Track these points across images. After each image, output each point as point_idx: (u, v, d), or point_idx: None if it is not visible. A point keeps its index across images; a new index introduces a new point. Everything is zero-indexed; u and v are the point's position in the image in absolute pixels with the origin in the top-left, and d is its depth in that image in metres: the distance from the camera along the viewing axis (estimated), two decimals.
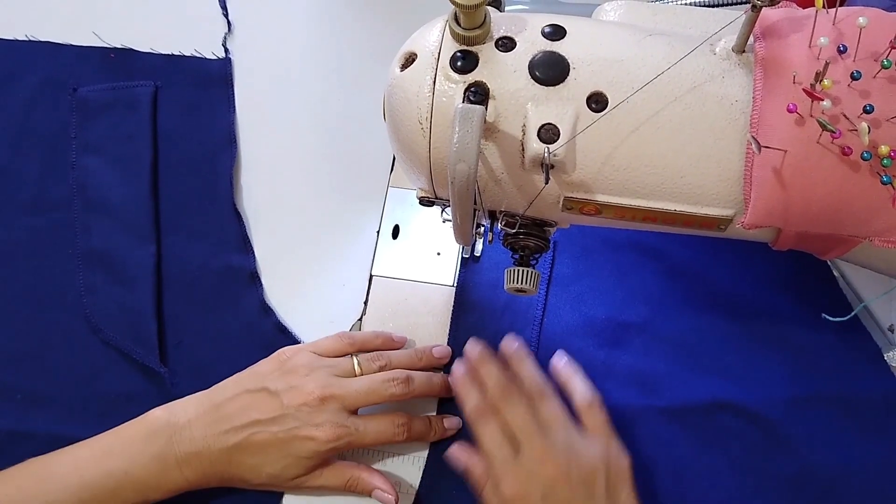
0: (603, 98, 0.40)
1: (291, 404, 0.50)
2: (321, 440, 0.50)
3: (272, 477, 0.51)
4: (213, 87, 0.67)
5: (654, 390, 0.56)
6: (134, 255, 0.60)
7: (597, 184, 0.41)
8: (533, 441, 0.49)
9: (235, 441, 0.50)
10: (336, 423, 0.50)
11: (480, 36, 0.40)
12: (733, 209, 0.41)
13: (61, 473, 0.49)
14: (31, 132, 0.66)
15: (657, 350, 0.57)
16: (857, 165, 0.38)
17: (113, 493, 0.49)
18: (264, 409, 0.51)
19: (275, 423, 0.50)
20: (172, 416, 0.51)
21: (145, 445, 0.50)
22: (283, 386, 0.51)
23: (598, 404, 0.52)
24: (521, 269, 0.47)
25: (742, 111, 0.40)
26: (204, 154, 0.65)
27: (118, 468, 0.49)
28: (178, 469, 0.50)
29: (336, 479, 0.52)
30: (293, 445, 0.50)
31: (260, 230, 0.63)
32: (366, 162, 0.64)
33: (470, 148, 0.36)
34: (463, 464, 0.52)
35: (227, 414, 0.51)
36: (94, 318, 0.59)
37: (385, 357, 0.55)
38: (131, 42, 0.69)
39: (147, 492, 0.50)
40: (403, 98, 0.42)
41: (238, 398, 0.51)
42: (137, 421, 0.51)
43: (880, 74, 0.38)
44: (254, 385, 0.52)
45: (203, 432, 0.50)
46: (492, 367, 0.53)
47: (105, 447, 0.50)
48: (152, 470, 0.49)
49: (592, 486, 0.48)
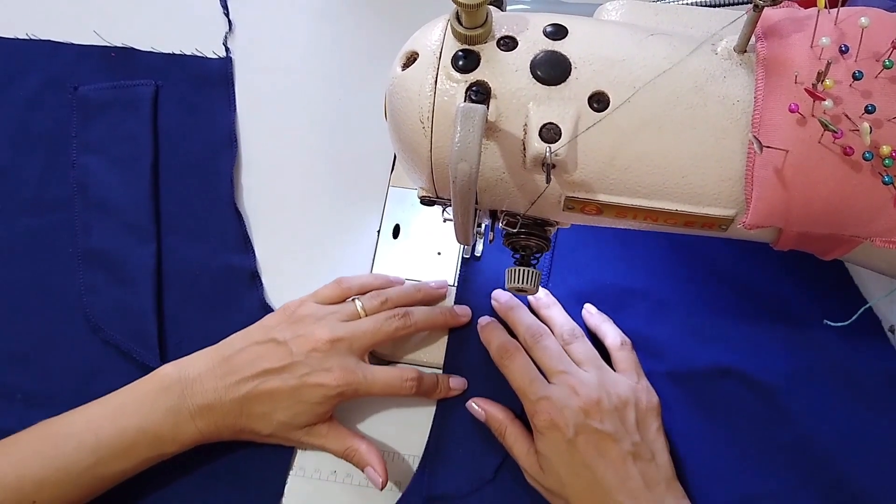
0: (604, 98, 0.40)
1: (301, 351, 0.51)
2: (331, 385, 0.51)
3: (282, 425, 0.52)
4: (214, 87, 0.67)
5: (658, 355, 0.57)
6: (134, 254, 0.60)
7: (598, 183, 0.41)
8: (565, 375, 0.51)
9: (246, 391, 0.51)
10: (345, 368, 0.52)
11: (482, 35, 0.40)
12: (735, 209, 0.41)
13: (76, 433, 0.49)
14: (32, 131, 0.66)
15: (661, 317, 0.58)
16: (858, 165, 0.38)
17: (129, 450, 0.50)
18: (273, 358, 0.52)
19: (284, 370, 0.51)
20: (183, 370, 0.52)
21: (158, 400, 0.50)
22: (291, 335, 0.52)
23: (629, 346, 0.55)
24: (522, 268, 0.47)
25: (744, 111, 0.40)
26: (204, 153, 0.65)
27: (133, 424, 0.50)
28: (192, 421, 0.50)
29: (337, 443, 0.53)
30: (303, 392, 0.51)
31: (260, 230, 0.63)
32: (366, 162, 0.64)
33: (471, 147, 0.36)
34: (482, 413, 0.54)
35: (236, 365, 0.52)
36: (95, 317, 0.59)
37: (385, 294, 0.56)
38: (132, 41, 0.69)
39: (162, 446, 0.51)
40: (405, 97, 0.42)
41: (247, 350, 0.52)
42: (148, 378, 0.52)
43: (882, 74, 0.38)
44: (262, 337, 0.53)
45: (214, 384, 0.51)
46: (522, 311, 0.55)
47: (118, 405, 0.51)
48: (167, 424, 0.50)
49: (624, 417, 0.50)
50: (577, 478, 0.49)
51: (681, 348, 0.57)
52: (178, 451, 0.51)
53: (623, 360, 0.54)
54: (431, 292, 0.58)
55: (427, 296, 0.58)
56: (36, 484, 0.47)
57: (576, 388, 0.50)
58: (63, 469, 0.48)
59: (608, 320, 0.57)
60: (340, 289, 0.57)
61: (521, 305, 0.56)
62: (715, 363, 0.56)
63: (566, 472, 0.49)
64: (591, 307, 0.58)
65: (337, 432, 0.53)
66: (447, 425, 0.56)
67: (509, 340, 0.54)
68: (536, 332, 0.54)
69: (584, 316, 0.58)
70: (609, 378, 0.52)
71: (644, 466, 0.49)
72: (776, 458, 0.54)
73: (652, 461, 0.50)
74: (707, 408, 0.55)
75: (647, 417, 0.52)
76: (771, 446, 0.54)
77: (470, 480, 0.54)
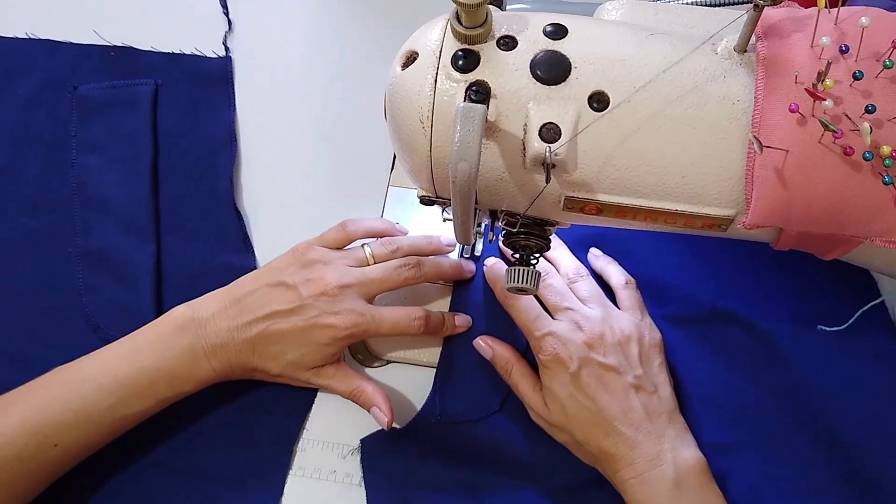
0: (604, 97, 0.40)
1: (310, 294, 0.52)
2: (340, 327, 0.52)
3: (291, 365, 0.53)
4: (214, 86, 0.67)
5: (659, 299, 0.58)
6: (134, 254, 0.60)
7: (598, 183, 0.41)
8: (569, 311, 0.52)
9: (258, 331, 0.52)
10: (354, 311, 0.52)
11: (482, 35, 0.40)
12: (735, 209, 0.41)
13: (94, 375, 0.50)
14: (32, 131, 0.66)
15: (664, 261, 0.59)
16: (858, 165, 0.38)
17: (147, 389, 0.50)
18: (283, 300, 0.52)
19: (294, 312, 0.52)
20: (196, 311, 0.52)
21: (173, 340, 0.51)
22: (301, 279, 0.53)
23: (633, 285, 0.56)
24: (522, 268, 0.47)
25: (744, 111, 0.40)
26: (204, 153, 0.65)
27: (150, 363, 0.50)
28: (207, 360, 0.51)
29: (344, 383, 0.54)
30: (313, 333, 0.52)
31: (260, 229, 0.63)
32: (366, 161, 0.64)
33: (471, 147, 0.36)
34: (489, 350, 0.55)
35: (248, 306, 0.52)
36: (94, 317, 0.59)
37: (395, 242, 0.57)
38: (131, 40, 0.69)
39: (179, 384, 0.51)
40: (404, 97, 0.42)
41: (257, 292, 0.53)
42: (161, 319, 0.53)
43: (882, 74, 0.38)
44: (272, 279, 0.54)
45: (227, 324, 0.52)
46: None
47: (133, 345, 0.52)
48: (183, 362, 0.51)
49: (627, 351, 0.51)
50: (580, 409, 0.50)
51: (682, 292, 0.58)
52: (193, 389, 0.52)
53: (627, 297, 0.55)
54: (441, 246, 0.59)
55: (437, 249, 0.59)
56: (57, 427, 0.48)
57: (580, 324, 0.52)
58: (83, 411, 0.49)
59: (613, 262, 0.58)
60: (345, 233, 0.57)
61: None
62: (716, 308, 0.57)
63: (570, 404, 0.50)
64: (596, 250, 0.59)
65: (344, 373, 0.54)
66: (453, 361, 0.57)
67: None
68: (543, 270, 0.55)
69: (590, 258, 0.59)
70: (613, 314, 0.53)
71: (646, 398, 0.50)
72: (773, 402, 0.55)
73: (654, 394, 0.51)
74: (707, 351, 0.56)
75: (650, 352, 0.53)
76: (768, 390, 0.55)
77: (478, 409, 0.55)
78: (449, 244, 0.59)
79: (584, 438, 0.50)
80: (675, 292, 0.58)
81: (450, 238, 0.60)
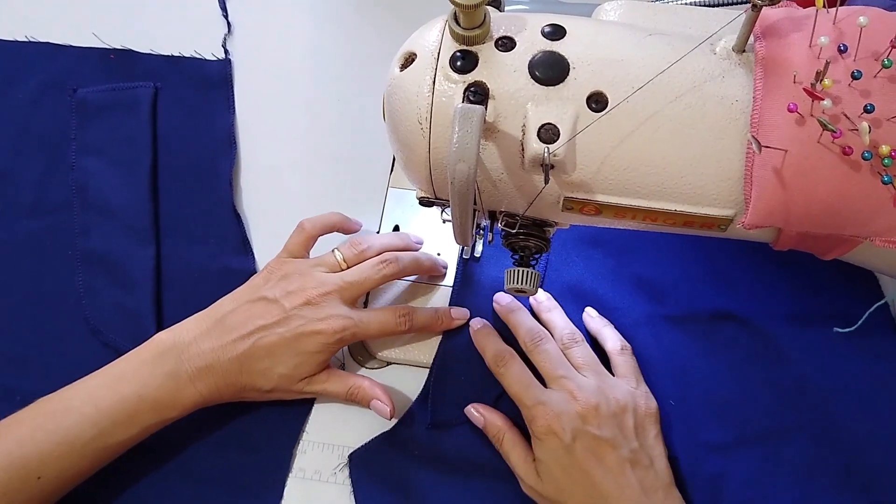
0: (603, 98, 0.40)
1: (294, 306, 0.52)
2: (328, 332, 0.52)
3: (283, 378, 0.52)
4: (213, 88, 0.67)
5: (660, 298, 0.58)
6: (134, 256, 0.60)
7: (597, 184, 0.41)
8: (564, 380, 0.51)
9: (244, 348, 0.51)
10: (340, 315, 0.52)
11: (480, 36, 0.40)
12: (734, 209, 0.41)
13: (76, 406, 0.49)
14: (31, 133, 0.66)
15: (664, 260, 0.59)
16: (857, 165, 0.38)
17: (131, 417, 0.50)
18: (267, 315, 0.52)
19: (280, 325, 0.52)
20: (177, 336, 0.52)
21: (156, 366, 0.51)
22: (281, 292, 0.53)
23: (629, 351, 0.55)
24: (522, 269, 0.47)
25: (742, 111, 0.40)
26: (204, 155, 0.65)
27: (132, 392, 0.50)
28: (192, 384, 0.51)
29: (339, 385, 0.54)
30: (301, 342, 0.52)
31: (260, 231, 0.63)
32: (366, 162, 0.64)
33: (470, 148, 0.36)
34: (480, 418, 0.54)
35: (231, 325, 0.52)
36: (94, 319, 0.59)
37: (364, 242, 0.57)
38: (131, 43, 0.69)
39: (164, 411, 0.51)
40: (403, 98, 0.42)
41: (239, 310, 0.53)
42: (143, 346, 0.52)
43: (881, 74, 0.38)
44: (251, 296, 0.53)
45: (211, 345, 0.51)
46: (523, 314, 0.55)
47: (116, 374, 0.51)
48: (166, 389, 0.50)
49: (622, 423, 0.50)
50: (574, 484, 0.49)
51: (683, 292, 0.58)
52: (179, 416, 0.52)
53: (622, 364, 0.54)
54: (410, 242, 0.59)
55: (407, 244, 0.59)
56: (40, 460, 0.47)
57: (574, 394, 0.50)
58: (66, 443, 0.48)
59: (609, 325, 0.57)
60: (305, 233, 0.57)
61: (522, 308, 0.56)
62: (716, 306, 0.57)
63: (564, 478, 0.49)
64: (591, 311, 0.58)
65: (337, 376, 0.54)
66: (449, 356, 0.57)
67: (504, 348, 0.54)
68: (537, 335, 0.54)
69: (585, 320, 0.58)
70: (608, 383, 0.52)
71: (642, 473, 0.49)
72: (773, 399, 0.55)
73: (650, 468, 0.50)
74: (707, 349, 0.56)
75: (645, 423, 0.52)
76: (769, 387, 0.55)
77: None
78: (418, 241, 0.60)
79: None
80: (675, 292, 0.58)
81: (418, 236, 0.60)
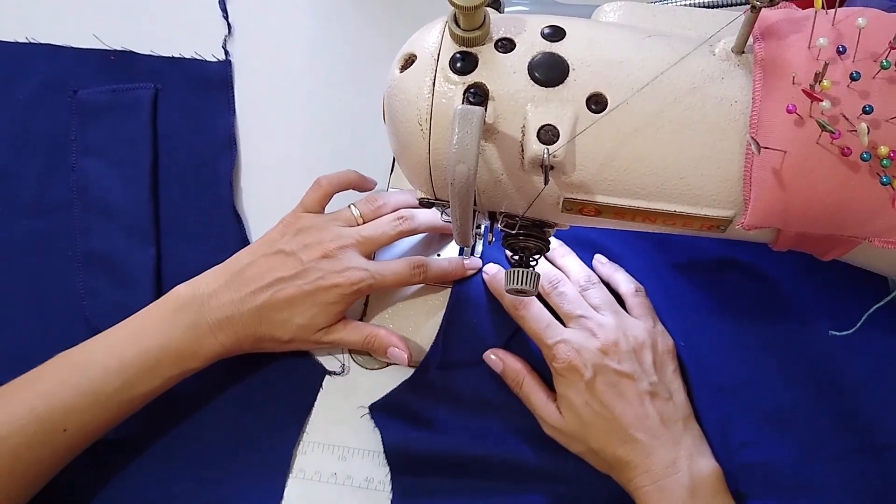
0: (602, 99, 0.40)
1: (311, 259, 0.53)
2: (346, 284, 0.52)
3: (301, 328, 0.53)
4: (213, 90, 0.67)
5: (663, 246, 0.59)
6: (134, 257, 0.60)
7: (596, 185, 0.41)
8: (583, 319, 0.53)
9: (263, 299, 0.52)
10: (357, 268, 0.53)
11: (480, 37, 0.40)
12: (733, 210, 0.41)
13: (99, 359, 0.50)
14: (32, 134, 0.66)
15: None
16: (856, 166, 0.38)
17: (153, 369, 0.50)
18: (284, 267, 0.53)
19: (298, 277, 0.52)
20: (196, 289, 0.53)
21: (176, 318, 0.51)
22: (298, 245, 0.54)
23: (643, 292, 0.56)
24: (521, 270, 0.47)
25: (741, 112, 0.40)
26: (204, 156, 0.65)
27: (154, 344, 0.50)
28: (213, 335, 0.52)
29: (355, 334, 0.55)
30: (319, 294, 0.52)
31: (260, 232, 0.62)
32: (366, 163, 0.64)
33: (469, 149, 0.36)
34: (499, 363, 0.55)
35: (249, 277, 0.53)
36: (94, 320, 0.59)
37: (380, 199, 0.58)
38: (131, 44, 0.69)
39: (186, 362, 0.51)
40: (403, 99, 0.42)
41: (256, 263, 0.53)
42: (162, 300, 0.53)
43: (879, 75, 0.38)
44: (269, 249, 0.54)
45: (230, 297, 0.52)
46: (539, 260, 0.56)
47: (137, 327, 0.52)
48: (187, 340, 0.51)
49: (641, 358, 0.52)
50: (596, 417, 0.50)
51: (687, 239, 0.58)
52: (200, 366, 0.52)
53: (638, 305, 0.55)
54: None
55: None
56: (65, 412, 0.48)
57: (594, 331, 0.52)
58: (90, 394, 0.49)
59: (620, 269, 0.58)
60: (322, 190, 0.57)
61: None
62: (720, 255, 0.58)
63: (586, 412, 0.50)
64: (601, 257, 0.59)
65: (353, 326, 0.55)
66: (462, 301, 0.58)
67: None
68: (554, 278, 0.55)
69: (595, 265, 0.59)
70: (626, 321, 0.53)
71: (661, 405, 0.50)
72: (774, 346, 0.55)
73: (669, 400, 0.51)
74: (711, 297, 0.57)
75: (663, 359, 0.53)
76: (773, 334, 0.55)
77: (482, 349, 0.56)
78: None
79: (599, 446, 0.50)
80: (679, 240, 0.58)
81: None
